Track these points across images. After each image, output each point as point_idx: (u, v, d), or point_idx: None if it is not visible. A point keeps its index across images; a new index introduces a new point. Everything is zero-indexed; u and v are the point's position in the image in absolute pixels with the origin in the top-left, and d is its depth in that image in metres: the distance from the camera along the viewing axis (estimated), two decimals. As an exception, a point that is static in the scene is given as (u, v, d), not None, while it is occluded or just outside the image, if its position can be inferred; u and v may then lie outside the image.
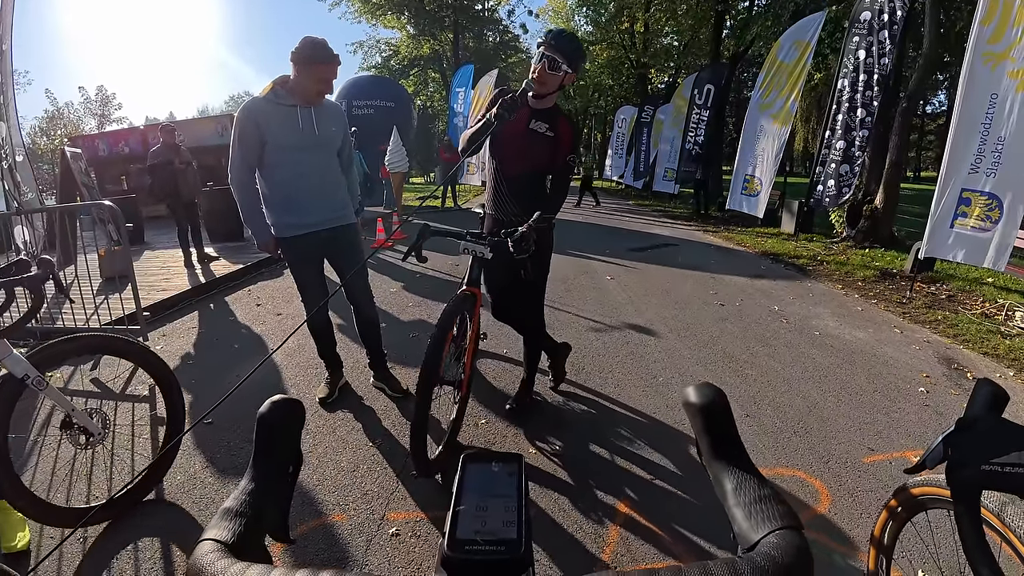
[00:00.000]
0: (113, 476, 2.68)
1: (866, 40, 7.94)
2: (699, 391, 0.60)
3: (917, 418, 3.14)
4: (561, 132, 2.61)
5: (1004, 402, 0.94)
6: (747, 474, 0.55)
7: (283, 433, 0.62)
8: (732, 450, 0.58)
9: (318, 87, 2.79)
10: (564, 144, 2.61)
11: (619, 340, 4.36)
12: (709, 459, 0.59)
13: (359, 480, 2.53)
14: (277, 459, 0.61)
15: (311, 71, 2.74)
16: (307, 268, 3.10)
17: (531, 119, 2.62)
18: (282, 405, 0.62)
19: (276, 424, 0.61)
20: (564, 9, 35.50)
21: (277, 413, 0.61)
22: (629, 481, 2.51)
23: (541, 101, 2.61)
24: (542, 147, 2.62)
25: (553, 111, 2.65)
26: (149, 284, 6.28)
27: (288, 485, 0.63)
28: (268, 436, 0.61)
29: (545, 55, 2.47)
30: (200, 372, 3.94)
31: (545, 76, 2.50)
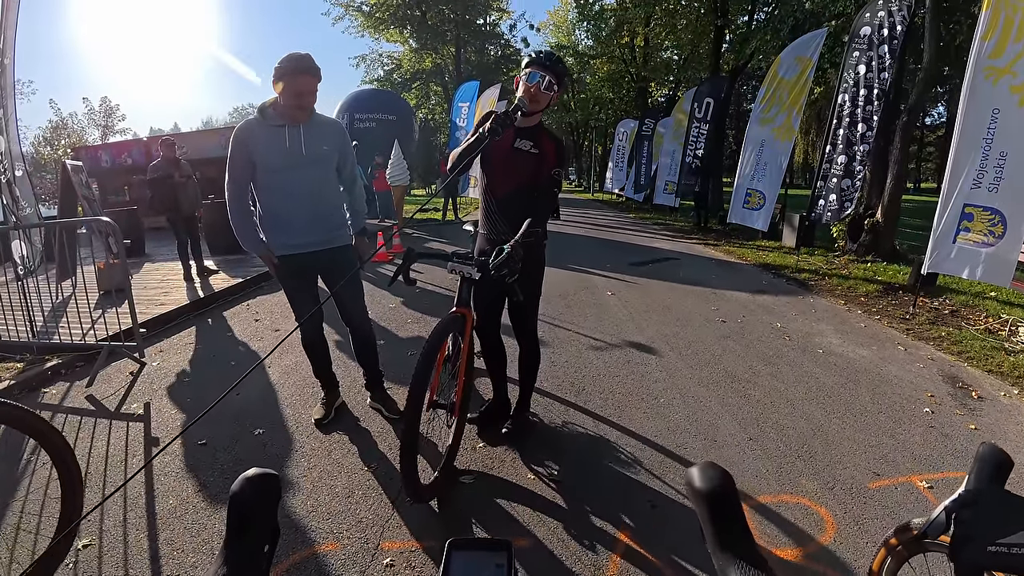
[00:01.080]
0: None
1: (866, 55, 7.94)
2: (703, 474, 0.56)
3: (922, 440, 3.09)
4: (545, 149, 2.63)
5: (1008, 470, 0.91)
6: (755, 569, 0.51)
7: (258, 511, 0.58)
8: (740, 540, 0.54)
9: (295, 101, 2.74)
10: (549, 160, 2.62)
11: (620, 359, 4.31)
12: (715, 549, 0.54)
13: (353, 507, 2.48)
14: (252, 540, 0.58)
15: (287, 85, 2.71)
16: (298, 287, 3.07)
17: (516, 138, 2.65)
18: (256, 481, 0.58)
19: (250, 502, 0.58)
20: (565, 23, 35.83)
21: (251, 490, 0.58)
22: (629, 509, 2.45)
23: (526, 120, 2.63)
24: (528, 164, 2.63)
25: (537, 129, 2.68)
26: (148, 298, 6.26)
27: (263, 565, 0.59)
28: (242, 516, 0.57)
29: (541, 75, 2.50)
30: (195, 390, 3.90)
31: (540, 95, 2.54)
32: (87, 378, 4.13)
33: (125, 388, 4.01)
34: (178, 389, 3.93)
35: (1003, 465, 0.90)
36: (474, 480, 2.67)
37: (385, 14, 26.57)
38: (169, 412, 3.55)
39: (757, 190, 10.10)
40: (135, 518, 2.47)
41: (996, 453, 0.91)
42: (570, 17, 33.74)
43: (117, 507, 2.55)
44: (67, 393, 4.01)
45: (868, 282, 7.16)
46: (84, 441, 3.21)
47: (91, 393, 3.95)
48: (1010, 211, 4.97)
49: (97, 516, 2.49)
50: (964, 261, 5.25)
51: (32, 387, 4.11)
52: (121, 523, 2.43)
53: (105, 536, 2.35)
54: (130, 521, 2.44)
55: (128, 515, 2.49)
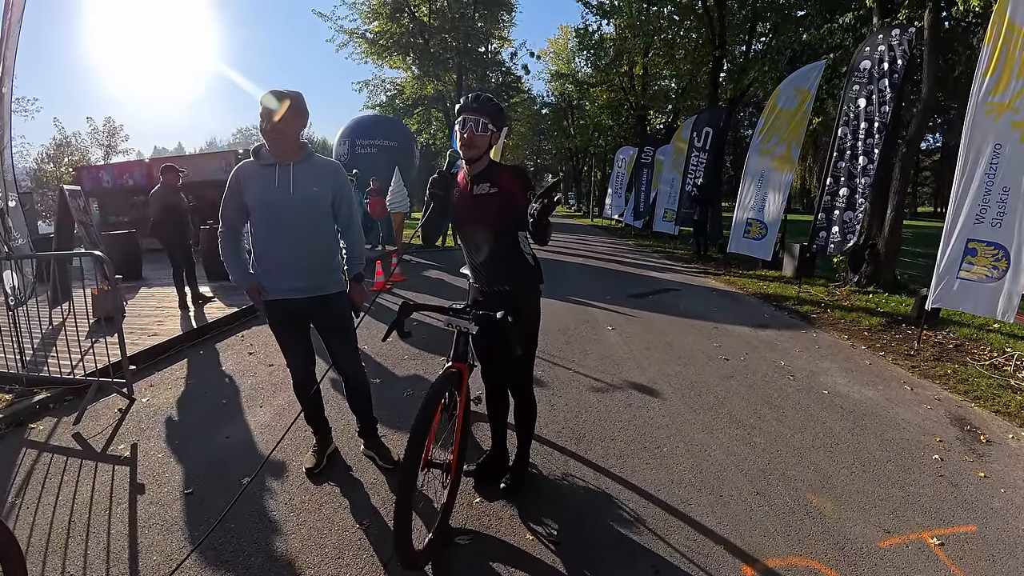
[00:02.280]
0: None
1: (866, 88, 7.99)
2: None
3: (932, 491, 2.99)
4: (505, 185, 2.56)
5: None
6: None
7: None
8: None
9: (272, 136, 2.69)
10: (515, 194, 2.53)
11: (621, 402, 4.21)
12: None
13: (343, 569, 2.36)
14: None
15: (267, 122, 2.66)
16: (287, 332, 2.97)
17: (472, 186, 2.61)
18: None
19: None
20: (565, 51, 36.37)
21: None
22: (632, 573, 2.34)
23: (476, 165, 2.60)
24: (492, 206, 2.56)
25: (489, 169, 2.61)
26: (141, 327, 6.16)
27: None
28: None
29: (469, 119, 2.49)
30: (185, 430, 3.79)
31: (475, 139, 2.51)
32: (75, 414, 4.03)
33: (113, 427, 3.90)
34: (167, 429, 3.82)
35: None
36: (470, 541, 2.55)
37: (388, 42, 26.91)
38: (156, 455, 3.43)
39: (757, 220, 10.11)
40: (117, 574, 2.36)
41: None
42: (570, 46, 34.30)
43: (100, 562, 2.45)
44: (54, 429, 3.90)
45: (871, 314, 7.09)
46: (69, 484, 3.11)
47: (78, 431, 3.84)
48: (1014, 246, 4.95)
49: (80, 570, 2.38)
50: (968, 296, 5.22)
51: (19, 422, 4.00)
52: (100, 582, 2.32)
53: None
54: (110, 578, 2.33)
55: (111, 571, 2.38)
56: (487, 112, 2.50)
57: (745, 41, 19.23)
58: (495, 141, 2.59)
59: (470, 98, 2.54)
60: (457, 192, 2.67)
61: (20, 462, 3.43)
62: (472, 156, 2.54)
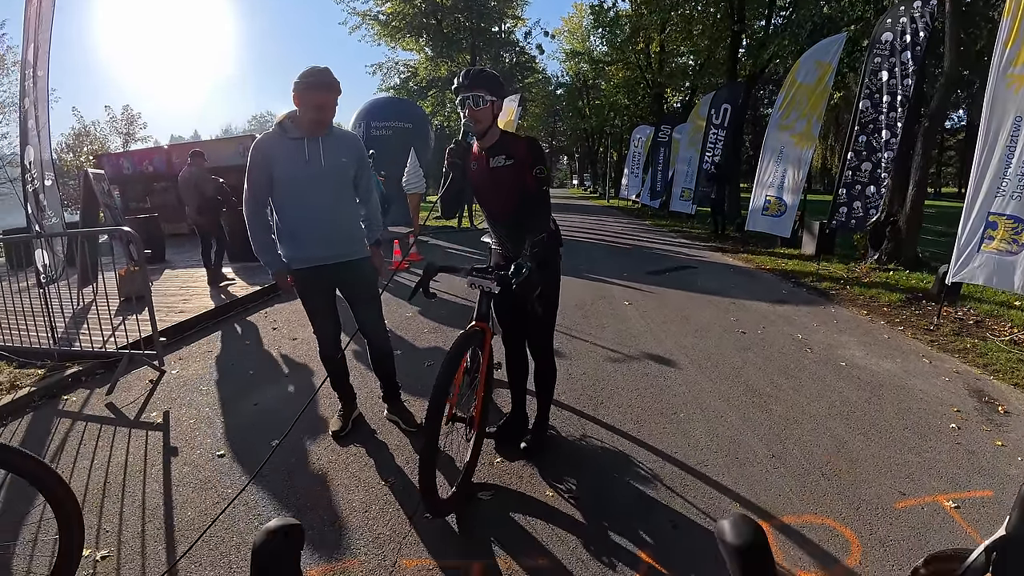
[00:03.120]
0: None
1: (888, 61, 7.83)
2: (735, 528, 0.54)
3: (949, 458, 3.00)
4: (518, 155, 2.63)
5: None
6: None
7: (280, 563, 0.57)
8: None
9: (313, 115, 2.76)
10: (526, 163, 2.61)
11: (638, 371, 4.26)
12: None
13: (371, 522, 2.46)
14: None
15: (306, 99, 2.73)
16: (316, 299, 3.07)
17: (489, 159, 2.67)
18: (278, 532, 0.57)
19: (273, 554, 0.56)
20: (579, 30, 35.85)
21: (273, 543, 0.56)
22: (650, 528, 2.41)
23: (488, 138, 2.67)
24: (510, 178, 2.64)
25: (504, 141, 2.69)
26: (168, 305, 6.33)
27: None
28: (264, 569, 0.56)
29: (466, 97, 2.56)
30: (214, 400, 3.92)
31: (476, 113, 2.57)
32: (107, 385, 4.18)
33: (144, 396, 4.04)
34: (197, 398, 3.96)
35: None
36: (492, 496, 2.65)
37: (401, 23, 26.83)
38: (188, 422, 3.57)
39: (776, 197, 10.00)
40: (153, 529, 2.48)
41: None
42: (585, 23, 33.79)
43: (136, 518, 2.57)
44: (87, 400, 4.05)
45: (891, 291, 7.03)
46: (103, 450, 3.24)
47: (111, 401, 3.99)
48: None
49: (115, 527, 2.50)
50: (988, 270, 5.15)
51: (52, 394, 4.16)
52: (139, 534, 2.44)
53: (123, 547, 2.36)
54: (148, 532, 2.46)
55: (146, 526, 2.50)
56: (479, 85, 2.55)
57: (765, 15, 18.82)
58: (498, 110, 2.66)
59: (461, 76, 2.59)
60: (475, 165, 2.74)
61: (54, 430, 3.59)
62: (480, 130, 2.61)
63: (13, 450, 1.93)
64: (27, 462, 1.87)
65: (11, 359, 4.73)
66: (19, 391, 4.11)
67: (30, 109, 5.44)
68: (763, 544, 0.53)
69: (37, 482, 1.88)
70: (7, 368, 4.57)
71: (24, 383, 4.26)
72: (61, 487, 1.91)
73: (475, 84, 2.55)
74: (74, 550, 1.93)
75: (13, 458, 1.88)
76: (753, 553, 0.53)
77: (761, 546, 0.53)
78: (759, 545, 0.53)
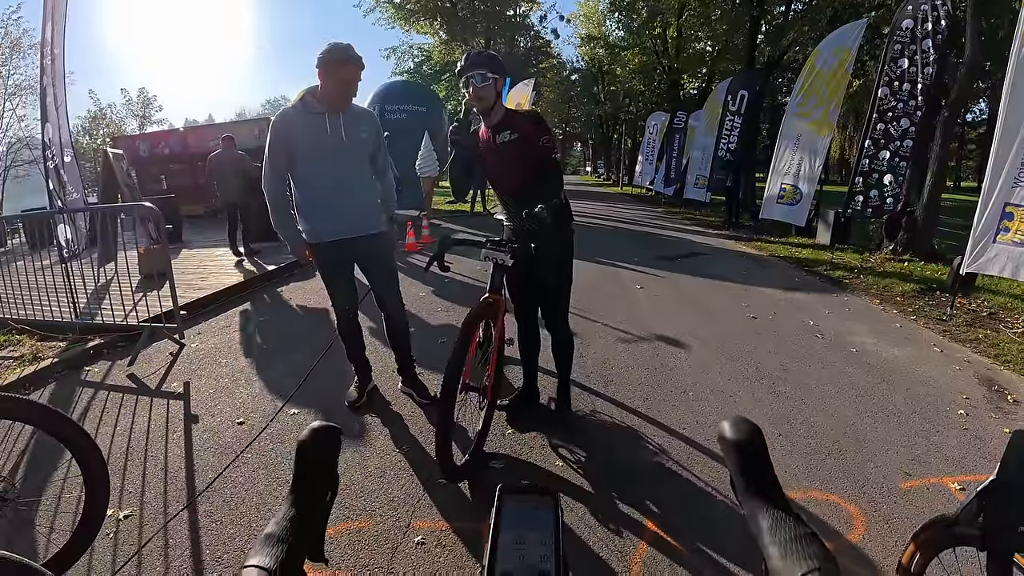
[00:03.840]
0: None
1: (908, 48, 7.72)
2: (735, 427, 0.59)
3: (956, 442, 3.02)
4: (523, 129, 2.70)
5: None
6: (783, 513, 0.54)
7: (322, 460, 0.62)
8: (768, 488, 0.57)
9: (340, 88, 2.82)
10: (531, 136, 2.68)
11: (648, 352, 4.30)
12: (744, 496, 0.57)
13: (386, 486, 2.55)
14: (316, 486, 0.62)
15: (332, 73, 2.79)
16: (336, 273, 3.14)
17: (495, 136, 2.75)
18: (322, 432, 0.63)
19: (315, 451, 0.62)
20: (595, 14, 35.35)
21: (316, 441, 0.62)
22: (657, 498, 2.46)
23: (492, 116, 2.74)
24: (517, 153, 2.71)
25: (508, 117, 2.75)
26: (186, 283, 6.44)
27: (325, 511, 0.63)
28: (308, 463, 0.62)
29: (469, 78, 2.63)
30: (233, 371, 4.02)
31: (480, 92, 2.65)
32: (128, 358, 4.30)
33: (165, 368, 4.15)
34: (216, 370, 4.06)
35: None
36: (503, 466, 2.72)
37: (416, 6, 26.67)
38: (208, 392, 3.67)
39: (792, 185, 9.93)
40: (175, 491, 2.57)
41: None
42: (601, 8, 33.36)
43: (158, 480, 2.66)
44: (109, 371, 4.17)
45: (905, 281, 6.99)
46: (125, 417, 3.35)
47: (132, 372, 4.11)
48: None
49: (137, 488, 2.60)
50: (1004, 261, 5.10)
51: (75, 365, 4.28)
52: (161, 495, 2.54)
53: (145, 508, 2.45)
54: (170, 494, 2.55)
55: (168, 488, 2.59)
56: (479, 64, 2.63)
57: (785, 1, 18.51)
58: (500, 87, 2.72)
59: (463, 59, 2.68)
60: (483, 144, 2.82)
61: (77, 399, 3.70)
62: (484, 108, 2.70)
63: (41, 407, 2.00)
64: (55, 419, 1.93)
65: (33, 332, 4.86)
66: (42, 362, 4.23)
67: (48, 87, 5.54)
68: (760, 441, 0.58)
69: (66, 440, 1.94)
70: (29, 341, 4.70)
71: (47, 355, 4.38)
72: (88, 444, 1.96)
73: (475, 64, 2.63)
74: (99, 508, 2.00)
75: (43, 416, 1.95)
76: (750, 449, 0.58)
77: (757, 443, 0.58)
78: (756, 442, 0.58)
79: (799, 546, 0.50)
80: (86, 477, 1.96)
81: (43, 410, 1.98)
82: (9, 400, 1.97)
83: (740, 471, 0.58)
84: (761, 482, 0.57)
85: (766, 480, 0.58)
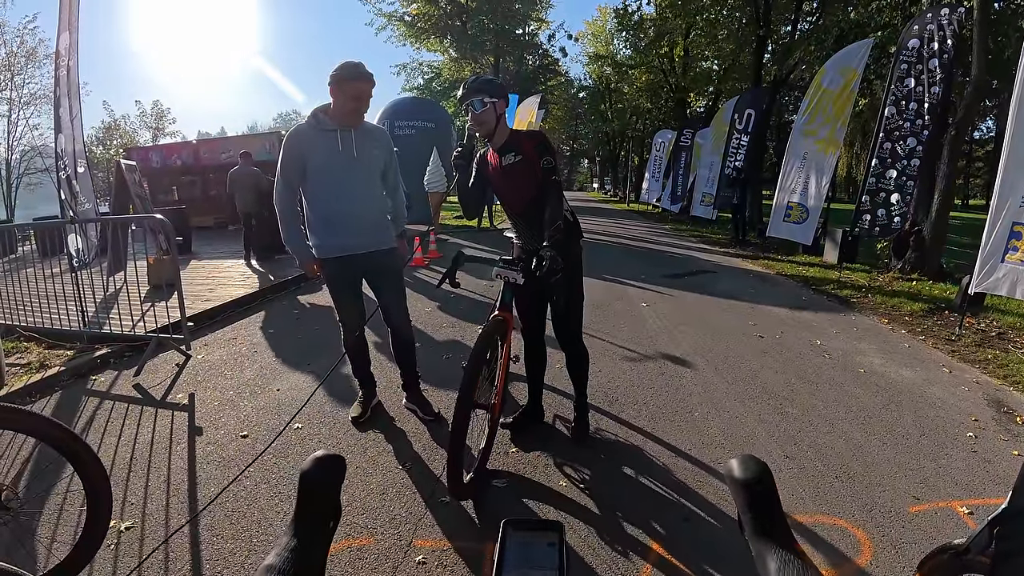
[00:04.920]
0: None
1: (915, 68, 7.75)
2: (743, 465, 0.59)
3: (965, 465, 2.99)
4: (526, 150, 2.73)
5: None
6: (791, 555, 0.54)
7: (325, 489, 0.62)
8: (776, 528, 0.56)
9: (351, 104, 2.86)
10: (533, 157, 2.71)
11: (654, 371, 4.28)
12: (752, 536, 0.57)
13: (387, 503, 2.53)
14: (318, 516, 0.62)
15: (344, 89, 2.83)
16: (344, 288, 3.16)
17: (500, 157, 2.79)
18: (324, 461, 0.63)
19: (318, 480, 0.62)
20: (603, 33, 35.78)
21: (319, 470, 0.62)
22: (662, 519, 2.44)
23: (497, 138, 2.77)
24: (523, 174, 2.75)
25: (512, 139, 2.79)
26: (194, 294, 6.49)
27: (327, 541, 0.63)
28: (310, 493, 0.62)
29: (469, 104, 2.68)
30: (238, 384, 4.03)
31: (479, 117, 2.69)
32: (135, 367, 4.32)
33: (171, 379, 4.17)
34: (221, 382, 4.07)
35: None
36: (506, 484, 2.70)
37: (427, 24, 27.05)
38: (212, 404, 3.67)
39: (799, 203, 9.92)
40: (177, 504, 2.57)
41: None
42: (608, 27, 33.72)
43: (160, 492, 2.66)
44: (115, 381, 4.19)
45: (913, 300, 6.94)
46: (130, 428, 3.36)
47: (138, 382, 4.12)
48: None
49: (140, 500, 2.59)
50: (1013, 281, 5.08)
51: (81, 374, 4.31)
52: (163, 507, 2.53)
53: (148, 520, 2.45)
54: (172, 507, 2.54)
55: (170, 500, 2.59)
56: (478, 90, 2.67)
57: (791, 20, 18.64)
58: (501, 110, 2.76)
59: (462, 87, 2.72)
60: (490, 167, 2.86)
61: (82, 408, 3.72)
62: (486, 132, 2.74)
63: (44, 419, 2.00)
64: (58, 432, 1.94)
65: (41, 340, 4.89)
66: (48, 370, 4.26)
67: (62, 97, 5.62)
68: (769, 481, 0.58)
69: (67, 453, 1.94)
70: (36, 349, 4.73)
71: (54, 363, 4.41)
72: (90, 458, 1.97)
73: (474, 90, 2.68)
74: (100, 521, 1.99)
75: (44, 427, 1.96)
76: (759, 488, 0.57)
77: (766, 481, 0.58)
78: (764, 480, 0.58)
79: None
80: (88, 490, 1.96)
81: (45, 422, 1.99)
82: (11, 411, 1.97)
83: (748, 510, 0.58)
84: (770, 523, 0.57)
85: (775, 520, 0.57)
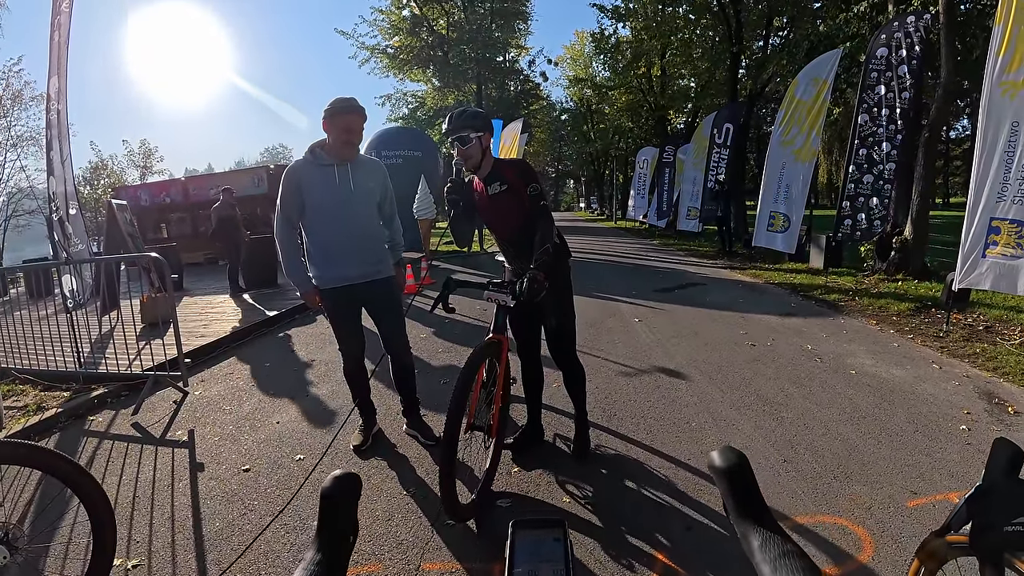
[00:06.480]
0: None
1: (884, 75, 8.00)
2: (723, 455, 0.64)
3: (960, 457, 3.04)
4: (511, 179, 2.82)
5: (1021, 461, 0.97)
6: (771, 532, 0.59)
7: (344, 506, 0.67)
8: (756, 509, 0.62)
9: (343, 136, 2.96)
10: (519, 185, 2.79)
11: (650, 384, 4.33)
12: (736, 518, 0.63)
13: (394, 529, 2.55)
14: (339, 531, 0.67)
15: (335, 123, 2.94)
16: (344, 317, 3.21)
17: (486, 187, 2.87)
18: (343, 480, 0.68)
19: (338, 498, 0.67)
20: (582, 57, 36.52)
21: (338, 488, 0.67)
22: (666, 530, 2.47)
23: (483, 169, 2.86)
24: (509, 203, 2.83)
25: (497, 169, 2.87)
26: (188, 330, 6.48)
27: (347, 554, 0.68)
28: (331, 510, 0.67)
29: (454, 139, 2.76)
30: (237, 418, 4.03)
31: (466, 152, 2.77)
32: (132, 407, 4.31)
33: (169, 416, 4.16)
34: (220, 417, 4.07)
35: (1016, 457, 0.97)
36: (511, 504, 2.72)
37: (409, 55, 27.53)
38: (212, 439, 3.67)
39: (781, 212, 10.11)
40: (183, 540, 2.57)
41: (1009, 446, 0.98)
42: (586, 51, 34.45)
43: (165, 529, 2.66)
44: (113, 420, 4.18)
45: (899, 300, 7.06)
46: (131, 467, 3.35)
47: (137, 421, 4.11)
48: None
49: (145, 537, 2.59)
50: (995, 275, 5.20)
51: (79, 415, 4.30)
52: (169, 544, 2.53)
53: (154, 557, 2.45)
54: (178, 543, 2.54)
55: (176, 537, 2.59)
56: (462, 126, 2.74)
57: (763, 36, 19.18)
58: (486, 142, 2.84)
59: (446, 121, 2.79)
60: (477, 196, 2.96)
61: (82, 449, 3.71)
62: (472, 165, 2.82)
63: (50, 452, 2.03)
64: (63, 465, 1.96)
65: (37, 382, 4.87)
66: (46, 412, 4.24)
67: (53, 140, 5.69)
68: (746, 467, 0.63)
69: (72, 485, 1.96)
70: (32, 391, 4.71)
71: (50, 405, 4.39)
72: (94, 488, 1.99)
73: (458, 126, 2.74)
74: (106, 554, 2.01)
75: (50, 460, 1.98)
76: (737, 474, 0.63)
77: (744, 468, 0.63)
78: (743, 467, 0.63)
79: (787, 561, 0.55)
80: (93, 523, 1.99)
81: (49, 455, 2.01)
82: (17, 446, 1.99)
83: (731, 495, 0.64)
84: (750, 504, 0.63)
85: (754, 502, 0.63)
